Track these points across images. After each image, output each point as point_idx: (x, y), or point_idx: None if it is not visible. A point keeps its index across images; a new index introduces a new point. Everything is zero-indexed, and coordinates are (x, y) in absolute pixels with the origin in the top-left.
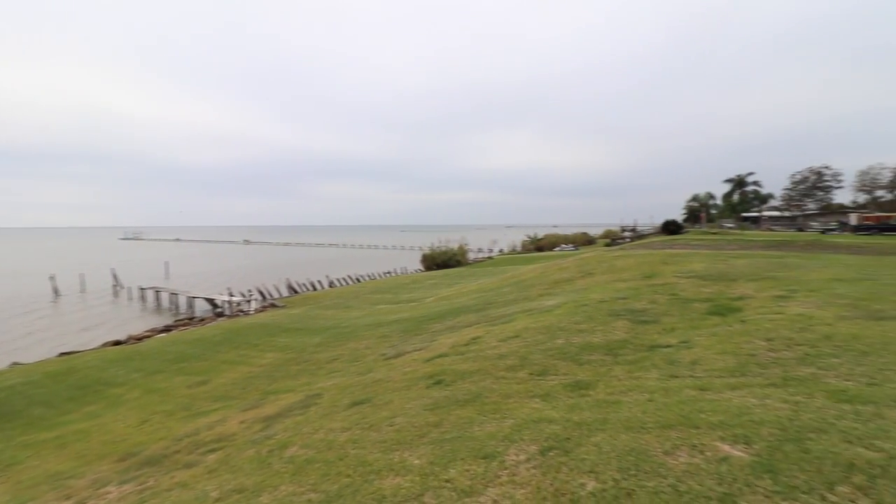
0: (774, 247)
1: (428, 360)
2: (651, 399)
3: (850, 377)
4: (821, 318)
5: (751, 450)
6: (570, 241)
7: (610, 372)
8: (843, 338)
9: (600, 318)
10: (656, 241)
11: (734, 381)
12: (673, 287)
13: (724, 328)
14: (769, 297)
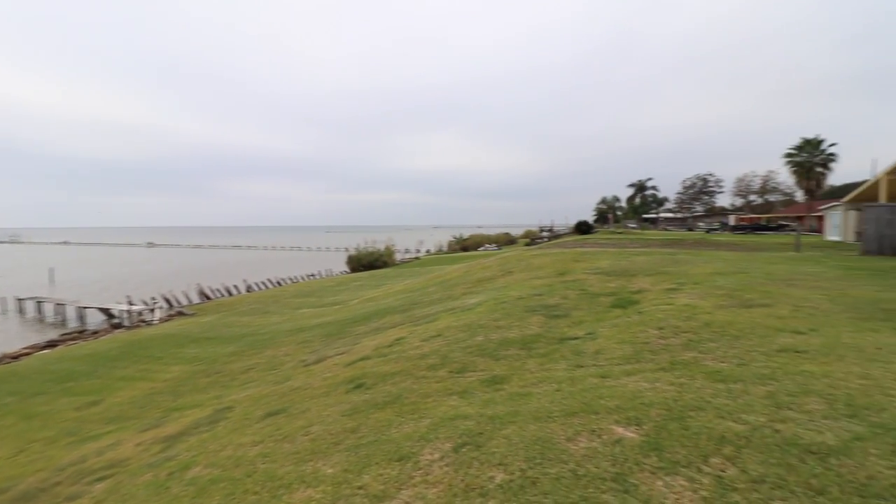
0: (668, 245)
1: (349, 364)
2: (559, 389)
3: (724, 359)
4: (703, 308)
5: (641, 430)
6: (493, 241)
7: (524, 365)
8: (720, 324)
9: (517, 315)
10: (570, 241)
11: (630, 367)
12: (583, 283)
13: (624, 319)
14: (662, 290)
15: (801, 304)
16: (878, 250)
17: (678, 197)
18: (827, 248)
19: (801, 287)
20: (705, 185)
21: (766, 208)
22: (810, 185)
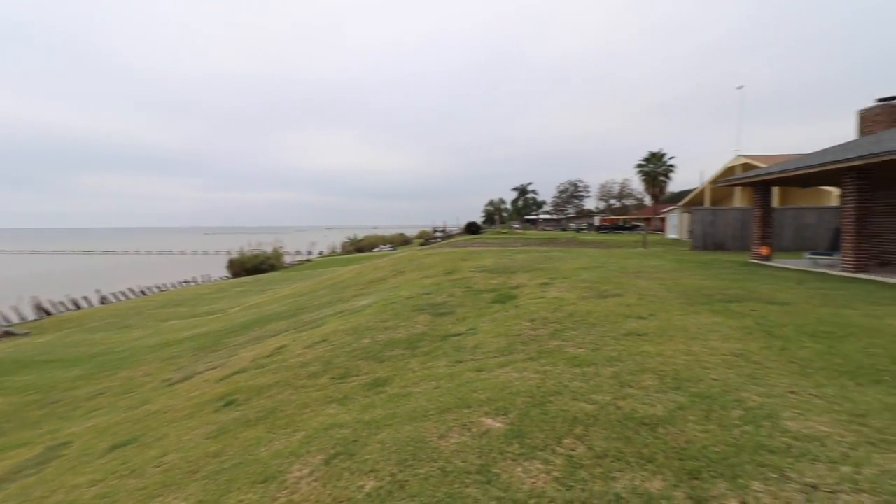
0: (545, 244)
1: (222, 380)
2: (437, 386)
3: (582, 345)
4: (569, 300)
5: (507, 419)
6: (388, 241)
7: (407, 365)
8: (581, 314)
9: (405, 314)
10: (460, 241)
11: (503, 359)
12: (468, 281)
13: (503, 314)
14: (537, 284)
15: (645, 293)
16: (703, 246)
17: (554, 200)
18: (667, 245)
19: (646, 278)
20: (576, 190)
21: (623, 211)
22: (655, 191)
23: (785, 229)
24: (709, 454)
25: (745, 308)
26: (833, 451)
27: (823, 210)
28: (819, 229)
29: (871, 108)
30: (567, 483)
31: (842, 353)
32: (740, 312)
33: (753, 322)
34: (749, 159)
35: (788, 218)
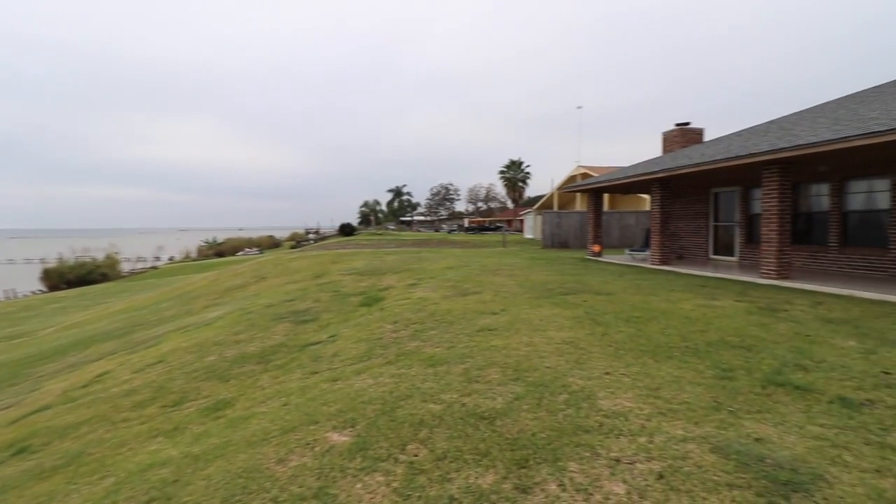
0: (417, 244)
1: (13, 423)
2: (286, 403)
3: (439, 344)
4: (432, 299)
5: (353, 432)
6: (255, 244)
7: (256, 383)
8: (442, 313)
9: (263, 324)
10: (333, 242)
11: (361, 365)
12: (337, 284)
13: (367, 317)
14: (405, 285)
15: (500, 290)
16: (552, 244)
17: (428, 202)
18: (524, 244)
19: (502, 275)
20: (448, 193)
21: (489, 213)
22: (515, 195)
23: (613, 229)
24: (537, 441)
25: (578, 299)
26: (634, 423)
27: (640, 214)
28: (637, 230)
29: (670, 130)
30: (405, 493)
31: (646, 335)
32: (574, 303)
33: (583, 312)
34: (586, 169)
35: (615, 220)
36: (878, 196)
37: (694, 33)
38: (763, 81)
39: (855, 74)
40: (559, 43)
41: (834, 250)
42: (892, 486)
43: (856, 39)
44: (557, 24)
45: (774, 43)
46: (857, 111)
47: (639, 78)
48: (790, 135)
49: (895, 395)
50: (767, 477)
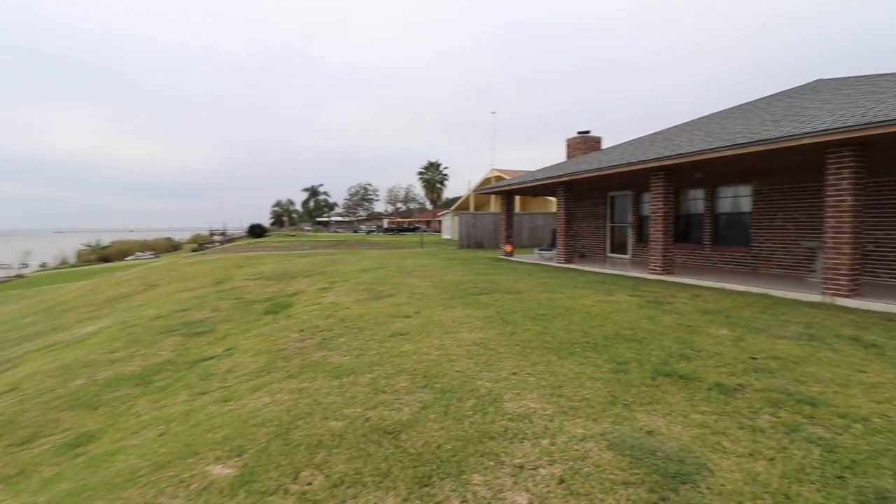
0: (334, 246)
1: None
2: (164, 432)
3: (347, 353)
4: (344, 304)
5: (240, 461)
6: (149, 247)
7: (131, 409)
8: (353, 318)
9: (147, 339)
10: (240, 245)
11: (259, 381)
12: (240, 290)
13: (272, 326)
14: (316, 289)
15: (415, 291)
16: (468, 245)
17: (345, 202)
18: (442, 245)
19: (418, 276)
20: (366, 193)
21: (409, 214)
22: (434, 196)
23: (524, 230)
24: (441, 454)
25: (490, 299)
26: (537, 425)
27: (548, 215)
28: (545, 230)
29: (573, 137)
30: None
31: (552, 332)
32: (486, 303)
33: (494, 311)
34: (500, 172)
35: (525, 221)
36: (742, 200)
37: (596, 54)
38: (652, 96)
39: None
40: (476, 48)
41: (707, 248)
42: (763, 469)
43: (734, 48)
44: (474, 29)
45: (663, 60)
46: (725, 125)
47: (549, 88)
48: (672, 145)
49: (761, 379)
50: (658, 471)
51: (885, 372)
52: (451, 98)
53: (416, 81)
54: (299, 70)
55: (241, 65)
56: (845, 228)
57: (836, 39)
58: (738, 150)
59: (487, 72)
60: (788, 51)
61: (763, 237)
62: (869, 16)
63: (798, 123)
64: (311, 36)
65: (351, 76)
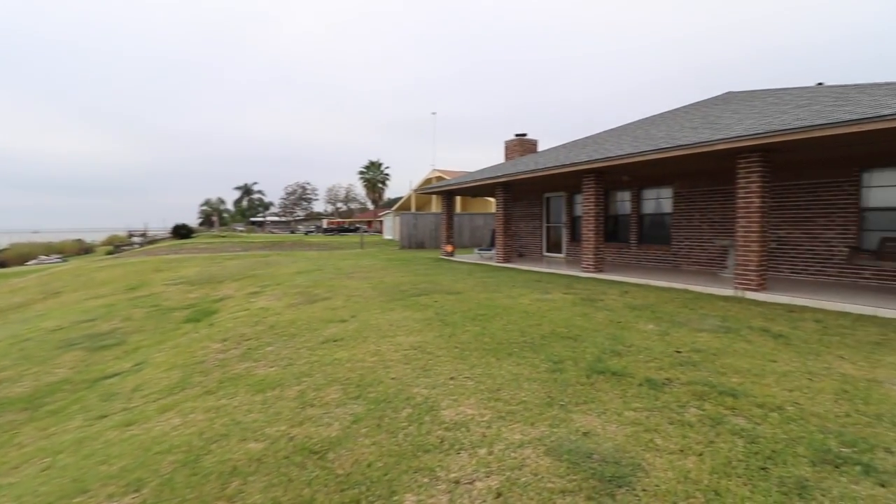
0: (268, 247)
1: None
2: (49, 466)
3: (274, 363)
4: (275, 309)
5: (137, 498)
6: (56, 250)
7: (13, 439)
8: (284, 325)
9: (42, 355)
10: (163, 247)
11: (169, 400)
12: (158, 297)
13: (191, 336)
14: (246, 294)
15: (353, 294)
16: (409, 245)
17: (282, 202)
18: (383, 245)
19: (357, 278)
20: (304, 192)
21: (349, 214)
22: (375, 196)
23: (464, 230)
24: (372, 474)
25: (429, 300)
26: (475, 434)
27: (487, 216)
28: (485, 230)
29: (511, 139)
30: None
31: (490, 333)
32: (425, 304)
33: (434, 313)
34: (441, 173)
35: (466, 221)
36: (664, 202)
37: (536, 63)
38: (585, 102)
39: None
40: (419, 48)
41: (634, 247)
42: (694, 465)
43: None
44: (419, 29)
45: (596, 69)
46: (650, 131)
47: (489, 90)
48: (602, 149)
49: (686, 373)
50: (595, 475)
51: (793, 360)
52: (393, 97)
53: (357, 79)
54: (232, 61)
55: (165, 54)
56: (754, 228)
57: (745, 60)
58: (662, 154)
59: (430, 71)
60: (705, 66)
61: (682, 236)
62: (777, 39)
63: (714, 130)
64: (244, 27)
65: (287, 71)
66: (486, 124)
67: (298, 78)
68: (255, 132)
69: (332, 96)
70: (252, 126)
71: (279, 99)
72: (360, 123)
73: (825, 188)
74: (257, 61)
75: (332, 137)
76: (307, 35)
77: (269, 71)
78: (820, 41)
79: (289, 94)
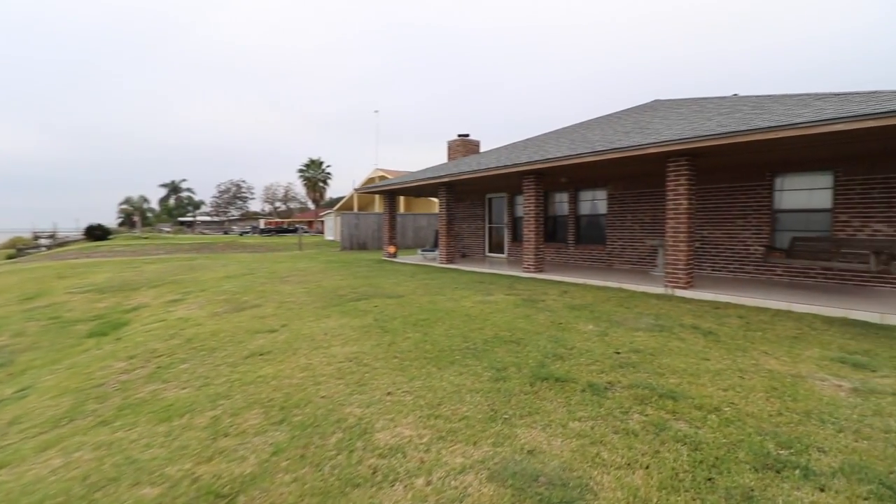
0: (197, 249)
1: None
2: None
3: (188, 383)
4: (196, 320)
5: None
6: None
7: None
8: (203, 337)
9: None
10: (73, 250)
11: (53, 435)
12: (60, 307)
13: (93, 353)
14: (164, 302)
15: (286, 300)
16: (350, 246)
17: (214, 200)
18: (324, 246)
19: (292, 282)
20: (239, 191)
21: (288, 214)
22: (316, 195)
23: (408, 231)
24: None
25: (369, 305)
26: (412, 459)
27: (431, 216)
28: (428, 231)
29: (454, 140)
30: None
31: (432, 339)
32: (364, 310)
33: (373, 319)
34: (384, 172)
35: (409, 222)
36: (599, 203)
37: (474, 61)
38: (527, 103)
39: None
40: (363, 45)
41: (572, 247)
42: (642, 481)
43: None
44: (364, 25)
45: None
46: (586, 135)
47: (434, 92)
48: (542, 150)
49: (627, 375)
50: (542, 501)
51: (724, 358)
52: (337, 94)
53: (299, 73)
54: (157, 49)
55: (82, 38)
56: (682, 229)
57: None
58: (598, 157)
59: (375, 69)
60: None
61: (616, 236)
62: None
63: (645, 135)
64: (166, 13)
65: (219, 62)
66: (431, 125)
67: (237, 69)
68: (186, 126)
69: (273, 91)
70: (183, 119)
71: (216, 90)
72: (302, 121)
73: (742, 191)
74: (193, 49)
75: (270, 135)
76: (250, 23)
77: (203, 60)
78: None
79: (225, 86)
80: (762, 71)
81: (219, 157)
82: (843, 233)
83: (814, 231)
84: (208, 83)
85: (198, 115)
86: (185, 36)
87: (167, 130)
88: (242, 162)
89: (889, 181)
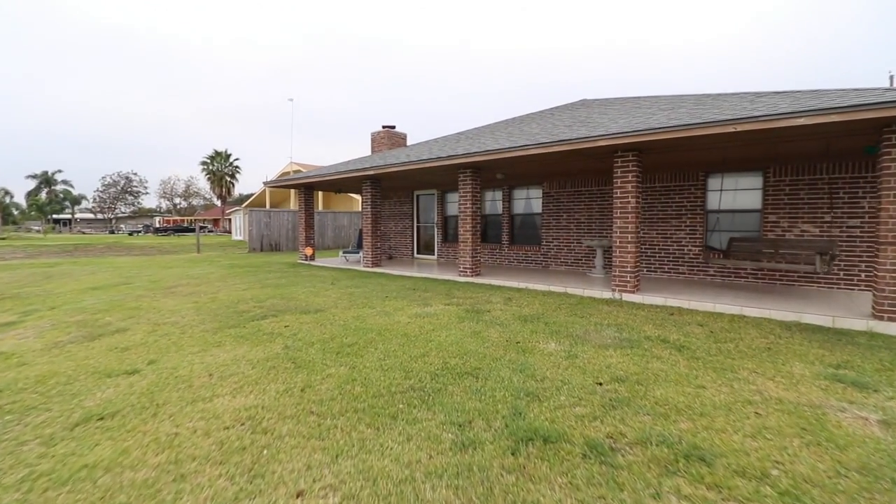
0: (69, 251)
1: None
2: None
3: None
4: (24, 354)
5: None
6: None
7: None
8: (21, 387)
9: None
10: None
11: None
12: None
13: None
14: None
15: (164, 321)
16: (260, 247)
17: (98, 195)
18: (230, 247)
19: (178, 295)
20: (129, 185)
21: (191, 211)
22: (223, 191)
23: (327, 230)
24: None
25: (278, 324)
26: None
27: (353, 214)
28: (351, 230)
29: (378, 131)
30: None
31: (363, 376)
32: (271, 332)
33: (282, 346)
34: (300, 166)
35: (329, 220)
36: (534, 202)
37: (402, 64)
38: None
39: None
40: (279, 33)
41: (506, 247)
42: None
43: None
44: (280, 13)
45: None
46: (524, 129)
47: (358, 87)
48: (478, 143)
49: (626, 421)
50: None
51: (719, 384)
52: (252, 83)
53: (205, 58)
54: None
55: None
56: (630, 229)
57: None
58: (544, 149)
59: (292, 59)
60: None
61: (551, 236)
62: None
63: (590, 129)
64: None
65: (118, 37)
66: (354, 120)
67: (125, 46)
68: (60, 107)
69: (178, 73)
70: (56, 99)
71: (105, 70)
72: (207, 108)
73: (677, 192)
74: (80, 20)
75: (173, 123)
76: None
77: (83, 29)
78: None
79: (119, 65)
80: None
81: (104, 144)
82: (773, 233)
83: (744, 231)
84: (90, 57)
85: (77, 96)
86: (57, 12)
87: (40, 112)
88: (134, 152)
89: (815, 183)
